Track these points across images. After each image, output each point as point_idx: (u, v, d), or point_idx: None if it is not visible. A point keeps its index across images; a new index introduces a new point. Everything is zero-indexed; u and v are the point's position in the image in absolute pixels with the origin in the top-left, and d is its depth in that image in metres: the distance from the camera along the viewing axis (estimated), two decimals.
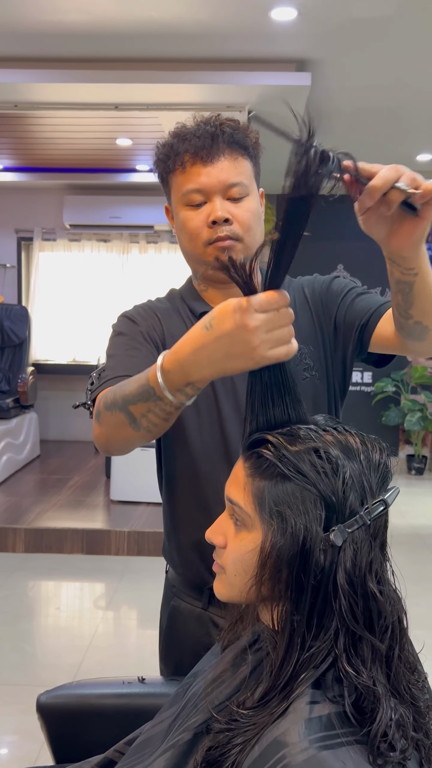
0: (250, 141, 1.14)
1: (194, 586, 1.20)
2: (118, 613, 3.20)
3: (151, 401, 0.85)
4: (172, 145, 1.12)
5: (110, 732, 1.10)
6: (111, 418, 0.92)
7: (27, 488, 4.79)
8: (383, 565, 0.75)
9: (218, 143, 1.09)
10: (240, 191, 1.10)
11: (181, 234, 1.14)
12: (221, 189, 1.08)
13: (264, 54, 3.45)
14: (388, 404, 6.07)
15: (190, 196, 1.10)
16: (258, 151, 1.16)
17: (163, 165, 1.14)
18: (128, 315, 1.18)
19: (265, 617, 0.81)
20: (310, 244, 5.32)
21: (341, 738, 0.67)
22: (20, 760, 2.09)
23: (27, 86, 3.60)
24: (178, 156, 1.10)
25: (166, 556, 1.27)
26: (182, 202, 1.11)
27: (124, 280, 6.12)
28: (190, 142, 1.09)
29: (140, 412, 0.87)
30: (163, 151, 1.13)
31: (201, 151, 1.08)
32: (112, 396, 0.93)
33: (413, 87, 3.78)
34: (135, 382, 0.88)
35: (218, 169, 1.08)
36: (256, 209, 1.13)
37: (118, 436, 0.94)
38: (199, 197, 1.09)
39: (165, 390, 0.82)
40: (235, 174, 1.10)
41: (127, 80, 3.52)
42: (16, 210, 6.10)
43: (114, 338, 1.15)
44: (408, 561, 3.78)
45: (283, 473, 0.73)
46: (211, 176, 1.08)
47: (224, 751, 0.71)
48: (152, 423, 0.88)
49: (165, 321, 1.17)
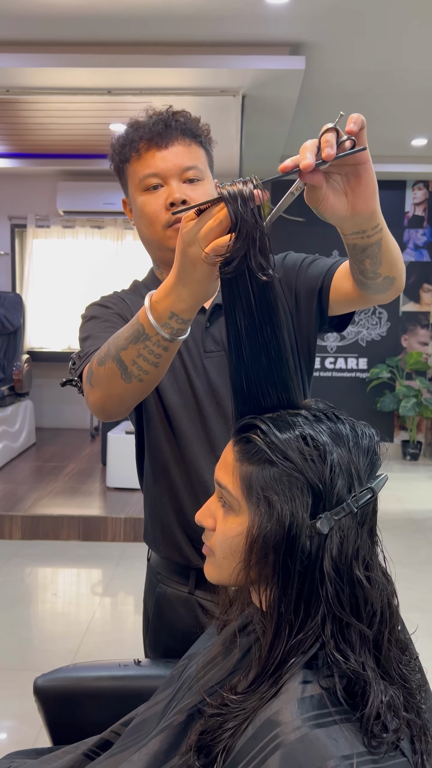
0: (202, 132, 1.17)
1: (179, 570, 1.21)
2: (115, 599, 3.22)
3: (140, 342, 0.86)
4: (127, 135, 1.14)
5: (107, 714, 1.11)
6: (103, 372, 0.93)
7: (23, 476, 4.80)
8: (371, 552, 0.75)
9: (172, 129, 1.12)
10: (196, 174, 1.12)
11: (140, 221, 1.16)
12: (177, 172, 1.11)
13: (258, 37, 3.42)
14: (383, 390, 6.09)
15: (147, 180, 1.12)
16: (210, 143, 1.19)
17: (118, 156, 1.16)
18: (97, 303, 1.20)
19: (255, 600, 0.82)
20: (304, 230, 5.28)
21: (334, 716, 0.67)
22: (18, 743, 2.11)
23: (18, 71, 3.56)
24: (133, 143, 1.13)
25: (149, 541, 1.28)
26: (140, 188, 1.13)
27: (119, 266, 6.10)
28: (144, 130, 1.12)
29: (131, 357, 0.88)
30: (118, 142, 1.16)
31: (155, 136, 1.11)
32: (105, 349, 0.94)
33: (408, 71, 3.76)
34: (127, 327, 0.90)
35: (173, 153, 1.11)
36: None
37: (112, 394, 0.94)
38: (155, 180, 1.12)
39: (153, 321, 0.83)
40: (190, 158, 1.12)
41: (121, 64, 3.49)
42: (9, 197, 6.06)
43: (86, 323, 1.16)
44: (402, 545, 3.81)
45: (271, 459, 0.74)
46: (166, 160, 1.11)
47: (215, 735, 0.72)
48: (143, 370, 0.88)
49: (133, 306, 1.19)
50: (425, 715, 0.75)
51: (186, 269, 0.78)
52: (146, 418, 1.20)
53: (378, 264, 0.93)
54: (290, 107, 4.08)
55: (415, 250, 6.11)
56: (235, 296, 0.78)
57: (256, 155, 5.16)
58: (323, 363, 6.19)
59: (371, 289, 1.00)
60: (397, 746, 0.69)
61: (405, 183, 6.02)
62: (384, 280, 0.97)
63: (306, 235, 5.44)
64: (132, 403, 0.97)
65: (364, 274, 0.96)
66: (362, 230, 0.86)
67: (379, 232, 0.88)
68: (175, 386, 1.16)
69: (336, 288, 1.12)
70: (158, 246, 1.15)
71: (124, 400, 0.95)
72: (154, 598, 1.26)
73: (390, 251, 0.93)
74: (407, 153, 5.43)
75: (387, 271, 0.95)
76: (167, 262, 1.17)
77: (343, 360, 6.19)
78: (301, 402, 0.81)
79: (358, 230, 0.86)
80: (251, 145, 4.86)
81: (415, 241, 6.11)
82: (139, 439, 1.26)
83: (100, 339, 1.07)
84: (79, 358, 1.08)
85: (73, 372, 1.08)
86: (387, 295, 1.04)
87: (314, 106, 4.33)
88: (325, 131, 0.74)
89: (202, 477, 1.15)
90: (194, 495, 1.15)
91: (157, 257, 1.20)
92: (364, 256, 0.92)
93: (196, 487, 1.15)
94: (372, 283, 0.98)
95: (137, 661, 1.20)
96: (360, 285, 1.01)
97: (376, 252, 0.91)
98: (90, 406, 1.00)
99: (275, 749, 0.65)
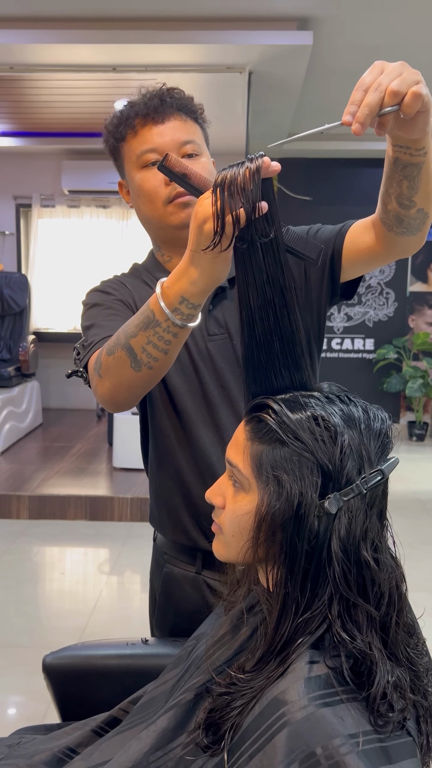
0: (197, 109, 1.16)
1: (186, 550, 1.21)
2: (122, 578, 3.25)
3: (150, 329, 0.86)
4: (122, 113, 1.13)
5: (115, 691, 1.12)
6: (112, 361, 0.92)
7: (30, 456, 4.83)
8: (380, 534, 0.75)
9: (167, 105, 1.11)
10: (194, 148, 1.11)
11: (139, 199, 1.14)
12: (175, 146, 1.09)
13: (265, 12, 3.36)
14: (390, 371, 6.07)
15: (144, 156, 1.10)
16: (205, 121, 1.18)
17: (113, 136, 1.14)
18: (98, 289, 1.19)
19: (263, 579, 0.82)
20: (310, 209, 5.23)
21: (340, 695, 0.68)
22: (27, 719, 2.14)
23: (23, 47, 3.52)
24: (129, 120, 1.11)
25: (155, 523, 1.28)
26: (137, 165, 1.12)
27: (124, 246, 6.07)
28: (139, 106, 1.11)
29: (140, 344, 0.88)
30: (112, 122, 1.14)
31: (151, 111, 1.10)
32: (114, 338, 0.93)
33: (417, 45, 3.69)
34: (137, 314, 0.90)
35: (170, 128, 1.10)
36: (211, 170, 1.14)
37: (122, 383, 0.94)
38: (153, 156, 1.10)
39: (164, 307, 0.84)
40: (186, 133, 1.11)
41: (125, 41, 3.44)
42: (14, 176, 6.02)
43: (88, 311, 1.14)
44: (408, 526, 3.82)
45: (282, 439, 0.74)
46: (164, 135, 1.09)
47: (223, 713, 0.73)
48: (152, 357, 0.88)
49: (134, 290, 1.17)
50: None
51: (201, 245, 0.78)
52: (150, 403, 1.19)
53: (415, 189, 0.92)
54: (297, 84, 4.02)
55: None
56: (248, 275, 0.77)
57: (262, 132, 5.10)
58: (330, 344, 6.17)
59: (403, 225, 0.98)
60: (404, 726, 0.70)
61: None
62: (418, 212, 0.95)
63: (313, 215, 5.39)
64: (141, 392, 0.96)
65: (400, 201, 0.94)
66: (406, 146, 0.85)
67: (423, 155, 0.87)
68: (179, 370, 1.15)
69: (354, 245, 1.09)
70: (159, 224, 1.13)
71: (134, 389, 0.95)
72: (161, 577, 1.26)
73: (429, 180, 0.91)
74: None
75: (423, 202, 0.94)
76: (168, 241, 1.16)
77: (349, 341, 6.17)
78: (314, 383, 0.81)
79: (402, 144, 0.85)
80: (258, 122, 4.80)
81: None
82: (143, 425, 1.26)
83: (104, 327, 1.06)
84: (84, 347, 1.07)
85: (78, 362, 1.07)
86: (415, 239, 1.01)
87: (322, 83, 4.26)
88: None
89: (208, 460, 1.14)
90: (201, 478, 1.15)
91: (158, 236, 1.18)
92: (402, 176, 0.90)
93: (204, 471, 1.15)
94: (406, 215, 0.96)
95: (144, 639, 1.21)
96: (391, 223, 0.98)
97: (415, 174, 0.89)
98: (99, 398, 0.99)
99: (282, 727, 0.66)
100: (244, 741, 0.69)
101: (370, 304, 6.14)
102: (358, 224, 1.09)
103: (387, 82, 0.74)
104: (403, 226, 0.98)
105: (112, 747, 0.91)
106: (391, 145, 0.87)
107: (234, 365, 1.13)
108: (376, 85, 0.74)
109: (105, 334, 1.04)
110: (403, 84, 0.74)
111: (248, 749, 0.68)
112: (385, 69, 0.75)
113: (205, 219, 0.76)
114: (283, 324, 0.79)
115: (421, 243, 1.03)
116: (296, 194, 5.87)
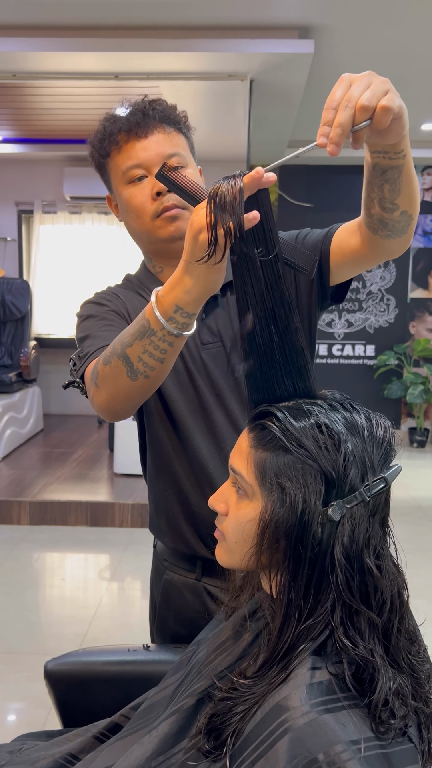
0: (181, 118, 1.15)
1: (186, 558, 1.21)
2: (123, 584, 3.25)
3: (146, 338, 0.86)
4: (105, 128, 1.12)
5: (116, 697, 1.12)
6: (109, 371, 0.93)
7: (31, 461, 4.83)
8: (383, 541, 0.76)
9: (150, 118, 1.10)
10: (179, 161, 1.11)
11: (128, 215, 1.14)
12: (160, 160, 1.09)
13: (266, 21, 3.37)
14: (391, 377, 6.07)
15: (130, 172, 1.10)
16: (189, 129, 1.18)
17: (98, 152, 1.14)
18: (92, 300, 1.19)
19: (266, 586, 0.82)
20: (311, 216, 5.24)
21: (342, 702, 0.68)
22: (28, 725, 2.14)
23: (25, 55, 3.54)
24: (112, 136, 1.11)
25: (155, 531, 1.28)
26: (123, 181, 1.12)
27: (125, 252, 6.08)
28: (122, 121, 1.11)
29: (136, 354, 0.88)
30: (96, 137, 1.14)
31: (134, 127, 1.10)
32: (111, 348, 0.94)
33: (418, 54, 3.71)
34: (133, 324, 0.90)
35: (153, 142, 1.10)
36: (198, 179, 1.13)
37: (119, 393, 0.94)
38: (139, 171, 1.10)
39: (159, 316, 0.84)
40: (171, 146, 1.11)
41: (127, 49, 3.46)
42: (16, 182, 6.05)
43: (83, 322, 1.14)
44: (409, 532, 3.82)
45: (286, 446, 0.74)
46: (148, 149, 1.09)
47: (225, 719, 0.73)
48: (148, 366, 0.89)
49: (127, 301, 1.17)
50: None
51: (196, 256, 0.78)
52: (147, 412, 1.19)
53: (397, 192, 0.91)
54: (298, 92, 4.04)
55: (423, 236, 6.06)
56: (246, 285, 0.78)
57: (263, 140, 5.12)
58: (330, 350, 6.17)
59: (387, 228, 0.98)
60: (405, 732, 0.70)
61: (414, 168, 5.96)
62: (401, 215, 0.95)
63: (313, 222, 5.40)
64: (138, 401, 0.97)
65: (382, 205, 0.94)
66: (384, 151, 0.85)
67: (402, 158, 0.87)
68: (174, 379, 1.15)
69: (341, 248, 1.09)
70: (148, 238, 1.14)
71: (131, 399, 0.95)
72: (161, 584, 1.26)
73: (410, 182, 0.91)
74: (417, 138, 5.37)
75: (405, 204, 0.94)
76: (158, 253, 1.17)
77: (350, 347, 6.17)
78: (317, 390, 0.82)
79: (380, 149, 0.85)
80: (259, 130, 4.81)
81: (424, 227, 6.06)
82: (141, 434, 1.26)
83: (99, 338, 1.06)
84: (79, 358, 1.07)
85: (74, 373, 1.07)
86: (401, 241, 1.01)
87: (323, 91, 4.28)
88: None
89: (206, 469, 1.14)
90: (199, 487, 1.15)
91: (148, 249, 1.19)
92: (383, 180, 0.90)
93: (201, 479, 1.15)
94: (390, 218, 0.95)
95: (146, 646, 1.22)
96: (376, 226, 0.98)
97: (396, 177, 0.89)
98: (96, 407, 0.99)
99: (284, 733, 0.66)
100: (246, 747, 0.69)
101: (371, 310, 6.15)
102: (344, 227, 1.10)
103: (356, 96, 0.72)
104: (387, 229, 0.98)
105: (114, 753, 0.91)
106: (369, 152, 0.87)
107: (228, 374, 1.14)
108: (346, 102, 0.72)
109: (100, 344, 1.04)
110: (373, 97, 0.73)
111: (250, 755, 0.68)
112: (353, 82, 0.74)
113: (200, 229, 0.76)
114: (284, 333, 0.79)
115: (407, 245, 1.03)
116: (297, 201, 5.89)
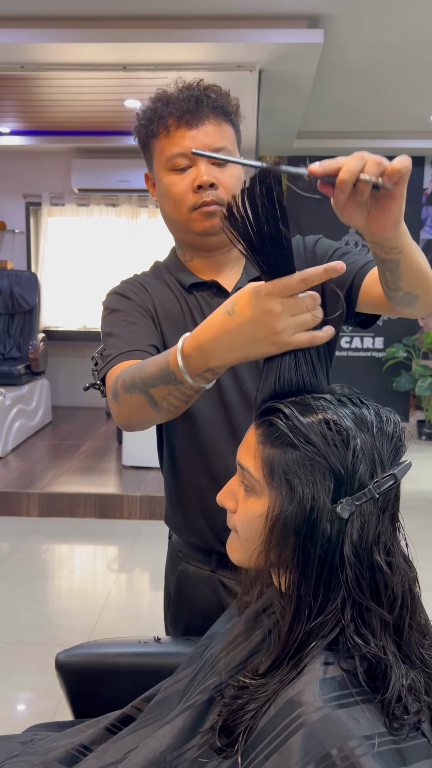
0: (233, 108, 1.13)
1: (202, 550, 1.21)
2: (131, 576, 3.26)
3: (171, 385, 0.84)
4: (156, 109, 1.10)
5: (127, 689, 1.13)
6: (131, 399, 0.91)
7: (39, 454, 4.84)
8: (393, 538, 0.75)
9: (203, 107, 1.08)
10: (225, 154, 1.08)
11: (165, 200, 1.13)
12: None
13: (275, 10, 3.35)
14: (399, 370, 6.05)
15: (174, 160, 1.09)
16: (239, 119, 1.16)
17: (145, 130, 1.12)
18: (118, 291, 1.16)
19: (276, 582, 0.82)
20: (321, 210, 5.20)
21: (355, 697, 0.68)
22: (38, 715, 2.15)
23: (33, 46, 3.53)
24: (162, 120, 1.09)
25: (170, 524, 1.28)
26: (166, 167, 1.10)
27: (133, 245, 6.07)
28: (174, 106, 1.08)
29: (161, 395, 0.86)
30: (146, 115, 1.12)
31: (186, 114, 1.07)
32: (131, 378, 0.91)
33: (428, 44, 3.67)
34: (154, 365, 0.87)
35: (203, 133, 1.08)
36: (240, 176, 1.13)
37: (139, 416, 0.93)
38: (183, 161, 1.08)
39: (185, 374, 0.81)
40: (220, 138, 1.09)
41: (135, 39, 3.44)
42: (24, 174, 6.04)
43: (108, 316, 1.13)
44: (417, 526, 3.79)
45: (294, 443, 0.73)
46: (196, 140, 1.07)
47: (237, 716, 0.73)
48: (173, 405, 0.87)
49: (154, 293, 1.16)
50: None
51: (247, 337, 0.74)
52: None
53: (398, 279, 0.90)
54: (308, 82, 4.01)
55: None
56: None
57: (272, 131, 5.09)
58: (339, 342, 6.15)
59: (394, 301, 0.97)
60: (418, 728, 0.69)
61: (423, 159, 5.92)
62: (405, 295, 0.94)
63: (323, 214, 5.37)
64: (158, 423, 0.96)
65: (386, 284, 0.94)
66: (379, 245, 0.84)
67: (398, 254, 0.85)
68: None
69: (367, 291, 1.08)
70: (182, 228, 1.13)
71: (151, 422, 0.94)
72: (176, 575, 1.26)
73: (412, 270, 0.89)
74: (426, 128, 5.33)
75: (409, 287, 0.92)
76: (189, 243, 1.16)
77: (359, 339, 6.15)
78: (326, 386, 0.81)
79: (376, 242, 0.84)
80: (268, 121, 4.79)
81: None
82: (158, 427, 1.25)
83: (123, 340, 1.05)
84: (102, 357, 1.06)
85: (96, 375, 1.06)
86: (415, 310, 1.00)
87: (332, 81, 4.25)
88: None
89: (224, 462, 1.13)
90: (216, 481, 1.13)
91: (180, 238, 1.18)
92: (383, 267, 0.89)
93: (219, 474, 1.13)
94: (394, 295, 0.95)
95: (157, 638, 1.22)
96: (385, 293, 0.98)
97: (394, 268, 0.88)
98: (114, 418, 0.98)
99: (297, 729, 0.66)
100: (259, 742, 0.69)
101: None
102: (374, 271, 1.08)
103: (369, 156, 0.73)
104: (394, 302, 0.98)
105: (126, 745, 0.91)
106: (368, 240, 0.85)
107: (253, 366, 1.12)
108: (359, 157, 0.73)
109: (124, 348, 1.03)
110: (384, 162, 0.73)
111: (263, 750, 0.68)
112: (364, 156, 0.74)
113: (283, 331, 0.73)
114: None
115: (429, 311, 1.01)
116: (306, 192, 5.86)
